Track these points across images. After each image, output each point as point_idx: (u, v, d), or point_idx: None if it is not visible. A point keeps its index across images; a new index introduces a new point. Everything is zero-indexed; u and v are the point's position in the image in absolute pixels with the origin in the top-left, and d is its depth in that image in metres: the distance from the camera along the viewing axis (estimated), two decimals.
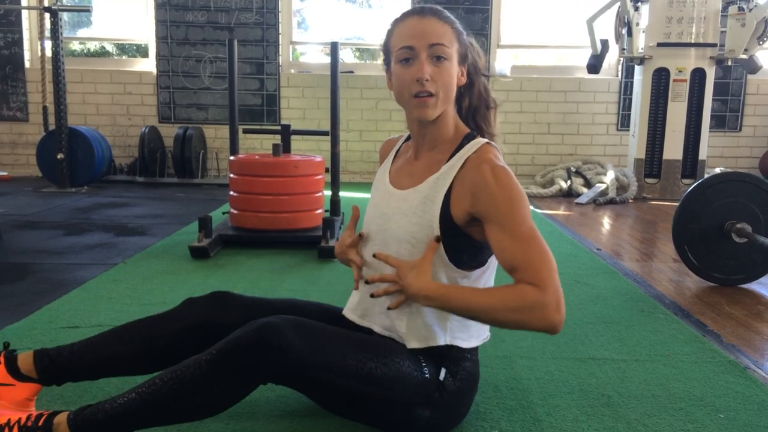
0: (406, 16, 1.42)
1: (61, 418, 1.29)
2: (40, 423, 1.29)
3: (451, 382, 1.42)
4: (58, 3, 5.21)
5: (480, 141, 1.43)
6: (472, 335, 1.48)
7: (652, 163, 5.42)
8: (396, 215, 1.45)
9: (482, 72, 1.50)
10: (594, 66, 5.41)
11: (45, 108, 5.28)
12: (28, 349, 1.48)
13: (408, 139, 1.59)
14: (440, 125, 1.44)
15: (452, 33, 1.39)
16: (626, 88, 6.06)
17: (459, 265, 1.40)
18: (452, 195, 1.38)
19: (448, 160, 1.42)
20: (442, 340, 1.43)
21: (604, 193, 5.31)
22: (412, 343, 1.43)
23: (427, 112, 1.39)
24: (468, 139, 1.44)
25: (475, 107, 1.51)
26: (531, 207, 5.07)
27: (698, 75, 5.26)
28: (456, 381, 1.43)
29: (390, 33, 1.43)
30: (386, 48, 1.45)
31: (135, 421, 1.28)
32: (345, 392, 1.35)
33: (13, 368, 1.45)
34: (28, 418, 1.32)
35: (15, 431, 1.31)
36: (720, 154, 6.10)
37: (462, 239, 1.39)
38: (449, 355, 1.44)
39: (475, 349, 1.50)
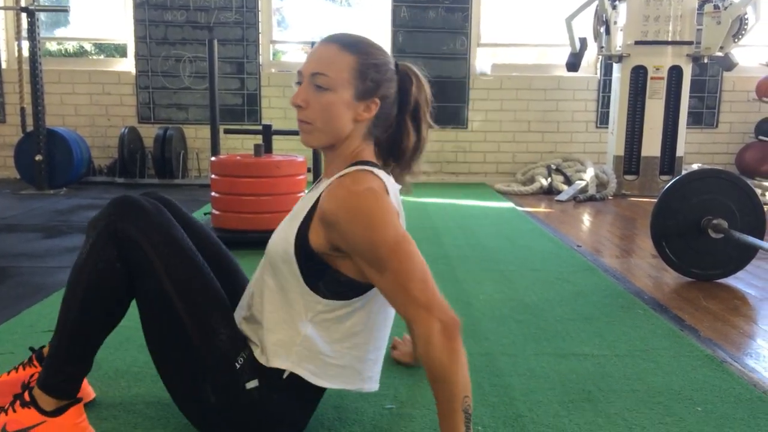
0: (320, 41, 1.35)
1: (37, 389, 1.37)
2: (26, 397, 1.38)
3: (256, 399, 1.32)
4: (35, 3, 5.15)
5: (357, 167, 1.32)
6: (327, 373, 1.35)
7: (630, 160, 5.48)
8: (277, 229, 1.42)
9: (413, 112, 1.38)
10: (573, 64, 5.46)
11: (22, 109, 5.23)
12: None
13: None
14: (336, 156, 1.37)
15: (350, 63, 1.29)
16: (605, 86, 6.12)
17: (315, 291, 1.31)
18: (313, 218, 1.30)
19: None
20: (283, 363, 1.33)
21: (584, 190, 5.36)
22: (261, 356, 1.35)
23: (306, 138, 1.34)
24: (352, 165, 1.34)
25: (389, 146, 1.40)
26: (512, 205, 5.07)
27: (675, 72, 5.32)
28: (262, 403, 1.32)
29: None
30: None
31: (74, 337, 1.36)
32: (165, 305, 1.32)
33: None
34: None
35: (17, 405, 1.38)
36: (697, 150, 6.18)
37: (318, 266, 1.30)
38: (274, 376, 1.33)
39: (317, 390, 1.39)
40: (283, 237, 1.34)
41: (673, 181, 2.86)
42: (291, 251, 1.30)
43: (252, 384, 1.32)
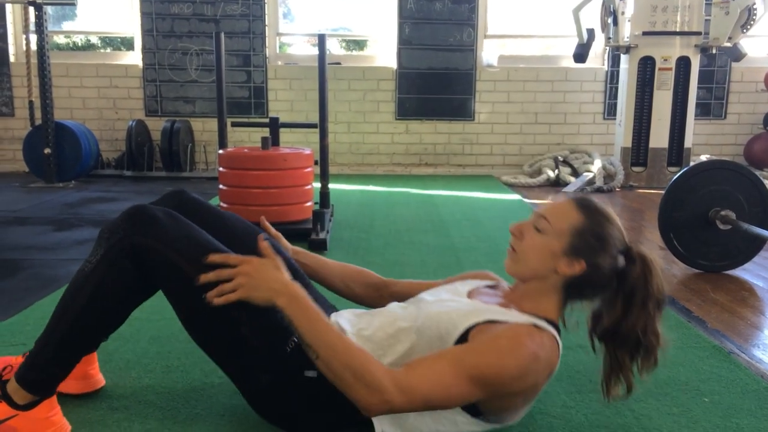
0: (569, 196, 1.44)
1: (12, 384, 1.37)
2: None
3: (315, 383, 1.32)
4: None
5: (546, 326, 1.36)
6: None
7: (638, 152, 5.47)
8: (445, 300, 1.44)
9: (628, 296, 1.36)
10: (580, 55, 5.44)
11: (31, 102, 5.26)
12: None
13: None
14: (526, 290, 1.43)
15: (575, 220, 1.37)
16: (612, 77, 6.09)
17: None
18: (483, 324, 1.32)
19: (517, 312, 1.38)
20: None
21: (591, 182, 5.35)
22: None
23: (507, 263, 1.44)
24: (543, 319, 1.37)
25: (607, 332, 1.41)
26: (519, 197, 5.01)
27: (683, 63, 5.29)
28: (318, 388, 1.32)
29: None
30: None
31: (66, 340, 1.36)
32: (201, 304, 1.30)
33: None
34: None
35: None
36: (705, 141, 6.15)
37: None
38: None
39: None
40: (454, 320, 1.34)
41: (681, 172, 2.85)
42: (454, 337, 1.32)
43: (311, 373, 1.32)
